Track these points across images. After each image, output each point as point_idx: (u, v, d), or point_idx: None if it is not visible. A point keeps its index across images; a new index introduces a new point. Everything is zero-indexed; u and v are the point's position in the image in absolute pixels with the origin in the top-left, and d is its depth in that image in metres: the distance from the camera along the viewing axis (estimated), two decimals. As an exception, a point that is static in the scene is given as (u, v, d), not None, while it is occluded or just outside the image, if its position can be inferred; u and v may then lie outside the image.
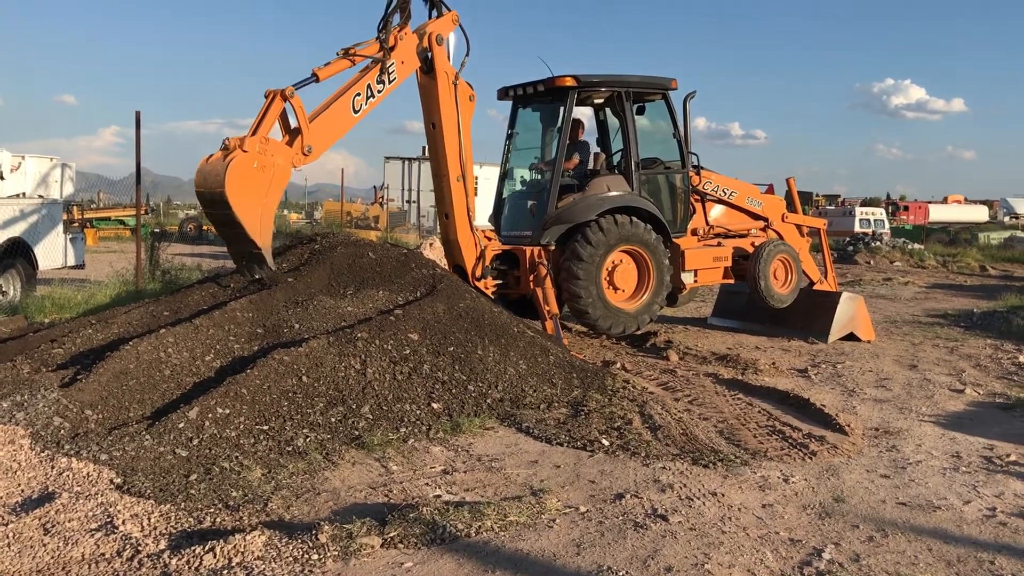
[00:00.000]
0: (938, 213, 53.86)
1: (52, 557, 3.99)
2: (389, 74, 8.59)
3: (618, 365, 8.77)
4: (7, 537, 4.09)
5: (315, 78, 8.06)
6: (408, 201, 34.12)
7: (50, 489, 4.67)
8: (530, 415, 6.72)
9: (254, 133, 7.49)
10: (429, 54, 9.08)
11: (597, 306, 9.65)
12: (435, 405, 6.59)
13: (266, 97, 7.75)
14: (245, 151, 7.30)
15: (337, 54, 8.39)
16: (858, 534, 4.66)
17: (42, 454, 5.05)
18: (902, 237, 36.46)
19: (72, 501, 4.48)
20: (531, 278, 9.62)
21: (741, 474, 5.57)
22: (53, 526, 4.23)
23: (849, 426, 6.74)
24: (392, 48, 8.57)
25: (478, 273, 9.51)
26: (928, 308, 15.19)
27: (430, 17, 9.28)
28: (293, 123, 7.90)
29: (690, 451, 6.01)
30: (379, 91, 8.58)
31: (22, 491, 4.67)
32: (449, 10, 9.28)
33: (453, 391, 6.80)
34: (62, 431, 5.36)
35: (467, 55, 9.32)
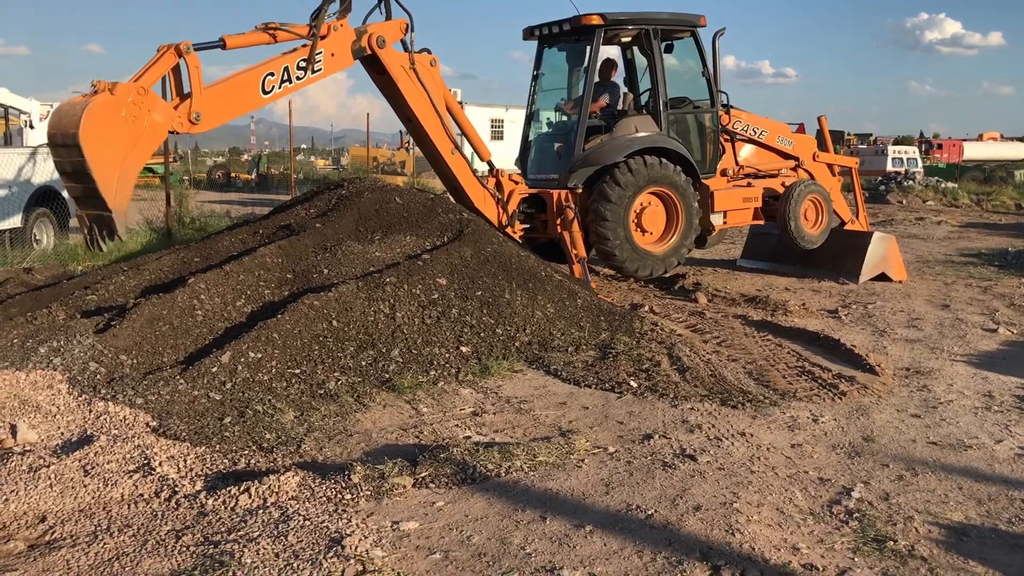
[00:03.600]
0: (973, 151, 52.73)
1: (93, 497, 4.10)
2: (315, 63, 7.87)
3: (646, 308, 8.74)
4: (49, 478, 4.19)
5: (222, 44, 7.33)
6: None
7: (89, 432, 4.78)
8: (558, 358, 6.74)
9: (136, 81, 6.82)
10: (367, 54, 8.37)
11: (624, 248, 9.60)
12: (464, 348, 6.63)
13: (158, 51, 7.06)
14: (112, 95, 6.57)
15: (256, 27, 7.67)
16: (888, 473, 4.66)
17: (80, 398, 5.16)
18: (935, 176, 35.78)
19: (110, 444, 4.58)
20: (558, 222, 9.57)
21: (770, 414, 5.57)
22: (93, 468, 4.33)
23: (879, 366, 6.70)
24: (323, 37, 7.88)
25: (504, 221, 9.46)
26: (961, 247, 14.97)
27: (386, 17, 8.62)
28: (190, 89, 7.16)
29: (718, 392, 6.01)
30: (298, 78, 7.81)
31: (62, 434, 4.78)
32: (409, 14, 8.63)
33: (482, 334, 6.83)
34: (98, 376, 5.46)
35: (412, 31, 8.66)
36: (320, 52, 7.90)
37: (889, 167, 37.42)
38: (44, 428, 4.81)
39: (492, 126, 31.33)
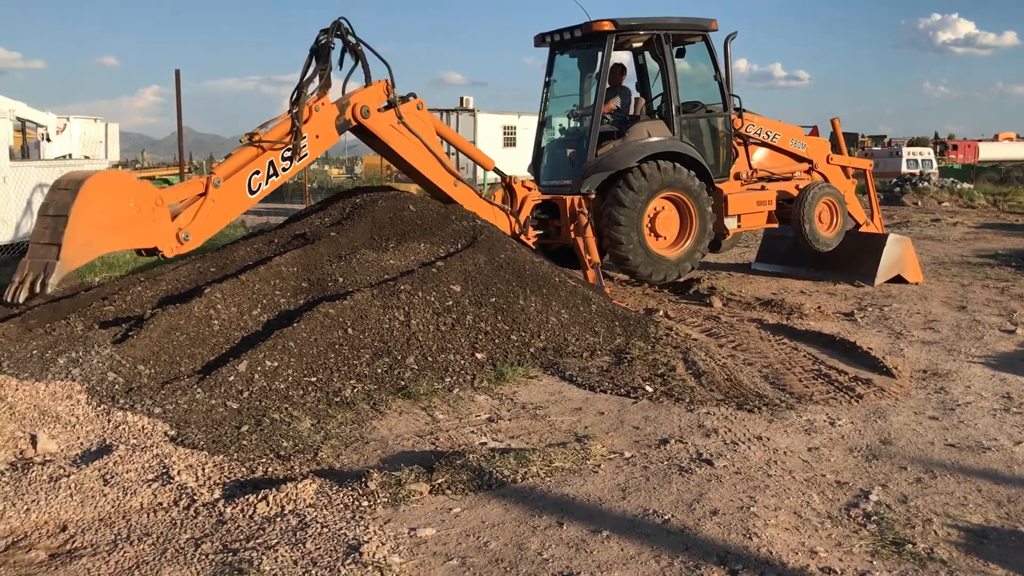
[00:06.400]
0: (988, 151, 52.45)
1: (112, 506, 4.13)
2: (300, 150, 7.51)
3: (661, 313, 8.74)
4: (69, 488, 4.22)
5: (218, 181, 6.99)
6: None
7: (107, 442, 4.82)
8: (573, 363, 6.75)
9: None
10: (352, 126, 8.03)
11: (638, 253, 9.59)
12: (479, 355, 6.64)
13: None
14: (135, 181, 6.47)
15: (241, 141, 7.40)
16: (906, 476, 4.64)
17: (98, 408, 5.20)
18: (951, 177, 35.58)
19: (129, 453, 4.61)
20: (572, 227, 9.57)
21: (787, 418, 5.56)
22: (112, 477, 4.36)
23: (896, 368, 6.67)
24: (305, 121, 7.52)
25: (517, 230, 9.46)
26: (978, 248, 14.88)
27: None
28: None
29: (735, 396, 6.00)
30: (284, 169, 7.47)
31: (81, 444, 4.82)
32: (388, 68, 8.22)
33: (496, 341, 6.84)
34: (116, 386, 5.50)
35: (394, 86, 8.25)
36: (304, 137, 7.55)
37: (904, 169, 37.27)
38: (64, 438, 4.85)
39: (504, 133, 31.41)
